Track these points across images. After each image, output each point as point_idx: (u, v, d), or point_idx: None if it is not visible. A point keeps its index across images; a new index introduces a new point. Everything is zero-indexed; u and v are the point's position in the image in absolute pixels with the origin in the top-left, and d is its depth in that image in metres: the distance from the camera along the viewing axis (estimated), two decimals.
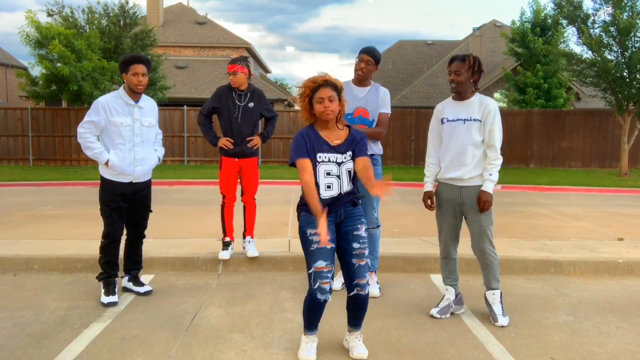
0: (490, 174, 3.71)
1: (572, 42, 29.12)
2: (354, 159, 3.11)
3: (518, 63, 20.80)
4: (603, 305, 4.24)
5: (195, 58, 26.88)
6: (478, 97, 3.80)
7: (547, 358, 3.25)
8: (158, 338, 3.48)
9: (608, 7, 14.91)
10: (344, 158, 3.09)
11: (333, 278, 3.06)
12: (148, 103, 4.29)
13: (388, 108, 4.42)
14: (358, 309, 3.18)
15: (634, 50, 14.69)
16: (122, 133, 4.09)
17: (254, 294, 4.42)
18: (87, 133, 4.06)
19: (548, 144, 18.77)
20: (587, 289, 4.68)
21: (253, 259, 5.11)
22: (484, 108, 3.74)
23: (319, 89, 3.01)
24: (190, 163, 18.66)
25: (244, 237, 5.14)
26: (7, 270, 4.95)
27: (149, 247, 5.20)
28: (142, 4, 47.01)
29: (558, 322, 3.86)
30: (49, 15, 17.10)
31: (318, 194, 3.00)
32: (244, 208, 5.09)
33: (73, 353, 3.23)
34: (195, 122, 18.07)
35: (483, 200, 3.69)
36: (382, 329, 3.67)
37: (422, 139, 18.45)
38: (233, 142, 4.88)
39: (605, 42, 14.99)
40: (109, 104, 4.07)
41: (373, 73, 4.38)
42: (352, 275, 3.10)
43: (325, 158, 3.06)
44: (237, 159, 4.94)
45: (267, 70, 36.22)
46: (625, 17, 14.34)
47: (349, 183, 3.11)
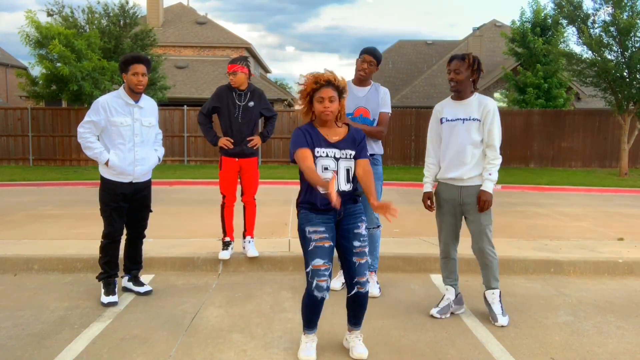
0: (490, 174, 3.71)
1: (572, 42, 29.16)
2: (355, 160, 3.13)
3: (518, 63, 20.80)
4: (603, 305, 4.24)
5: (195, 58, 26.89)
6: (477, 96, 3.80)
7: (547, 358, 3.25)
8: (158, 338, 3.48)
9: (608, 7, 14.91)
10: (342, 154, 3.09)
11: (331, 276, 3.07)
12: (148, 103, 4.29)
13: (388, 107, 4.43)
14: (358, 307, 3.19)
15: (634, 50, 14.69)
16: (122, 133, 4.09)
17: (254, 294, 4.42)
18: (87, 133, 4.07)
19: (548, 144, 18.77)
20: (587, 289, 4.68)
21: (253, 259, 5.11)
22: (483, 108, 3.74)
23: (321, 89, 3.02)
24: (190, 163, 18.66)
25: (244, 237, 5.14)
26: (7, 270, 4.95)
27: (149, 247, 5.20)
28: (142, 4, 47.06)
29: (558, 322, 3.87)
30: (49, 15, 17.12)
31: (316, 190, 3.02)
32: (244, 208, 5.09)
33: (73, 353, 3.23)
34: (195, 122, 18.13)
35: (483, 200, 3.69)
36: (382, 329, 3.67)
37: (422, 139, 18.44)
38: (233, 141, 4.88)
39: (605, 42, 14.99)
40: (109, 104, 4.07)
41: (374, 73, 4.39)
42: (352, 274, 3.12)
43: (323, 153, 3.07)
44: (237, 159, 4.94)
45: (267, 70, 36.22)
46: (625, 17, 14.34)
47: (347, 181, 3.11)
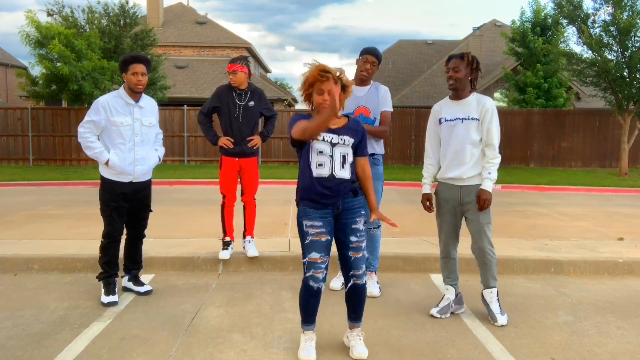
0: (489, 173, 3.71)
1: (572, 41, 29.15)
2: (353, 150, 3.16)
3: (518, 63, 20.81)
4: (603, 305, 4.24)
5: (195, 58, 26.89)
6: (475, 96, 3.80)
7: (547, 358, 3.25)
8: (158, 338, 3.48)
9: (608, 6, 14.91)
10: (340, 140, 3.11)
11: (327, 268, 3.14)
12: (148, 103, 4.29)
13: (390, 106, 4.43)
14: (356, 300, 3.22)
15: (634, 50, 14.69)
16: (122, 133, 4.09)
17: (254, 294, 4.42)
18: (87, 133, 4.07)
19: (548, 144, 18.77)
20: (587, 289, 4.68)
21: (253, 259, 5.11)
22: (482, 107, 3.74)
23: (324, 82, 3.03)
24: (190, 163, 18.66)
25: (244, 236, 5.14)
26: (7, 270, 4.95)
27: (149, 246, 5.20)
28: (142, 4, 47.04)
29: (558, 322, 3.86)
30: (49, 15, 17.12)
31: (310, 173, 3.08)
32: (244, 208, 5.09)
33: (73, 353, 3.23)
34: (195, 121, 18.13)
35: (483, 199, 3.69)
36: (382, 329, 3.67)
37: (422, 139, 18.37)
38: (233, 141, 4.88)
39: (605, 41, 14.98)
40: (109, 104, 4.07)
41: (375, 73, 4.40)
42: (348, 267, 3.18)
43: (320, 137, 3.09)
44: (237, 159, 4.94)
45: (267, 70, 36.22)
46: (625, 16, 14.34)
47: (343, 168, 3.11)
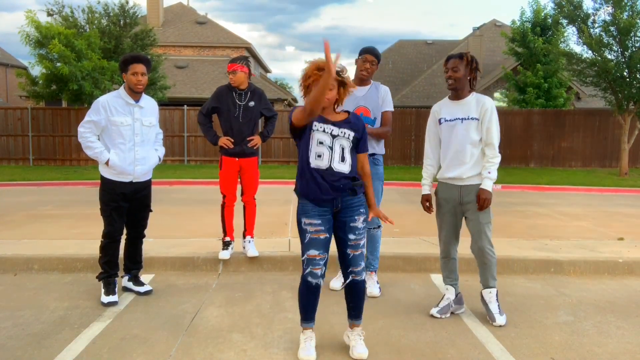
0: (489, 172, 3.71)
1: (572, 41, 29.13)
2: (353, 145, 3.17)
3: (518, 63, 20.81)
4: (603, 305, 4.24)
5: (195, 58, 26.89)
6: (475, 95, 3.80)
7: (547, 358, 3.25)
8: (158, 338, 3.48)
9: (608, 6, 14.91)
10: (340, 132, 3.11)
11: (326, 264, 3.17)
12: (148, 103, 4.29)
13: (391, 106, 4.43)
14: (355, 296, 3.24)
15: (634, 50, 14.69)
16: (122, 132, 4.09)
17: (254, 294, 4.42)
18: (87, 133, 4.07)
19: (548, 144, 18.77)
20: (587, 289, 4.68)
21: (253, 259, 5.11)
22: (481, 106, 3.74)
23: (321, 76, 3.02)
24: (190, 163, 18.66)
25: (244, 236, 5.14)
26: (7, 270, 4.95)
27: (149, 246, 5.20)
28: (142, 4, 47.06)
29: (558, 322, 3.86)
30: (49, 15, 17.12)
31: (308, 163, 3.09)
32: (244, 208, 5.09)
33: (73, 353, 3.23)
34: (196, 121, 18.13)
35: (482, 198, 3.69)
36: (382, 329, 3.67)
37: (422, 139, 18.31)
38: (233, 141, 4.88)
39: (606, 41, 14.98)
40: (109, 104, 4.07)
41: (374, 73, 4.40)
42: (347, 263, 3.22)
43: (320, 127, 3.10)
44: (237, 159, 4.94)
45: (267, 70, 36.22)
46: (625, 16, 14.34)
47: (342, 161, 3.11)
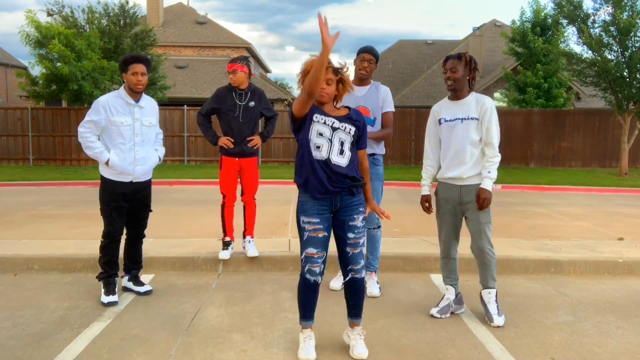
0: (489, 172, 3.71)
1: (572, 41, 29.11)
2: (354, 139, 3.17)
3: (518, 63, 20.80)
4: (603, 305, 4.24)
5: (195, 58, 26.88)
6: (474, 95, 3.80)
7: (547, 358, 3.25)
8: (158, 338, 3.48)
9: (608, 6, 14.90)
10: (340, 126, 3.12)
11: (325, 263, 3.17)
12: (148, 103, 4.29)
13: (391, 106, 4.43)
14: (355, 294, 3.25)
15: (634, 50, 14.68)
16: (122, 132, 4.09)
17: (254, 294, 4.42)
18: (87, 132, 4.07)
19: (548, 144, 18.76)
20: (587, 289, 4.68)
21: (253, 259, 5.11)
22: (481, 106, 3.74)
23: None
24: (190, 163, 18.66)
25: (244, 236, 5.14)
26: (7, 270, 4.95)
27: (149, 246, 5.20)
28: (142, 4, 47.04)
29: (558, 322, 3.87)
30: (49, 15, 17.11)
31: (310, 153, 3.08)
32: (244, 208, 5.09)
33: (73, 353, 3.23)
34: (196, 121, 18.08)
35: (482, 198, 3.69)
36: (382, 329, 3.67)
37: (422, 139, 18.30)
38: (233, 141, 4.88)
39: (605, 41, 14.97)
40: (110, 104, 4.07)
41: (373, 72, 4.40)
42: (346, 262, 3.22)
43: (321, 119, 3.11)
44: (237, 159, 4.94)
45: (267, 70, 36.22)
46: (625, 16, 14.33)
47: (340, 155, 3.11)
